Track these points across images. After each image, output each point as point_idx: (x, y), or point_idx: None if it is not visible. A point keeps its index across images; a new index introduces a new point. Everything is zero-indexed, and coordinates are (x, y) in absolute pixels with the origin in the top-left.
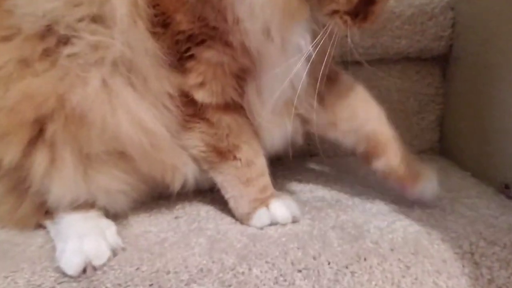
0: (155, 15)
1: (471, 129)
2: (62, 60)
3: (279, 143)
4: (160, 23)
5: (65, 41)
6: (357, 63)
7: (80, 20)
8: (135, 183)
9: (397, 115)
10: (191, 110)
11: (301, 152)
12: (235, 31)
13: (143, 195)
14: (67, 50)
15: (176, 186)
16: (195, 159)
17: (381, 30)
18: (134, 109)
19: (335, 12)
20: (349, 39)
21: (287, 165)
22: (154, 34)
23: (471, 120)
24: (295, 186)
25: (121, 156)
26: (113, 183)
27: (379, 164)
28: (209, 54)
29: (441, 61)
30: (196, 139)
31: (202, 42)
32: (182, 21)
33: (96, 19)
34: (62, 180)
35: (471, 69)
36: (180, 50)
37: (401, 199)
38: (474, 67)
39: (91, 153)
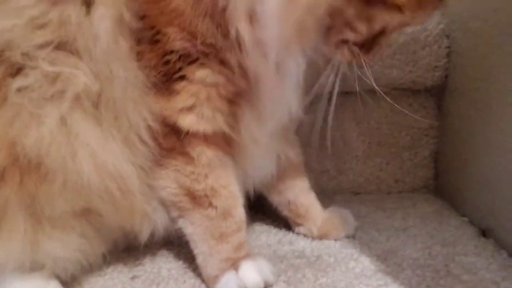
0: (142, 30)
1: (468, 168)
2: (12, 96)
3: (266, 174)
4: (147, 40)
5: (15, 71)
6: (346, 93)
7: (41, 46)
8: (94, 245)
9: (388, 150)
10: (170, 142)
11: None
12: (235, 48)
13: (103, 255)
14: (17, 82)
15: (144, 235)
16: (163, 204)
17: None
18: (98, 151)
19: (343, 42)
20: (356, 69)
21: (267, 207)
22: (137, 53)
23: (467, 159)
24: (273, 235)
25: (84, 213)
26: (64, 251)
27: (299, 230)
28: (203, 73)
29: (435, 93)
30: (169, 179)
31: (196, 60)
32: (176, 38)
33: (62, 45)
34: (6, 248)
35: (468, 104)
36: (170, 71)
37: (389, 255)
38: (472, 102)
39: (49, 215)
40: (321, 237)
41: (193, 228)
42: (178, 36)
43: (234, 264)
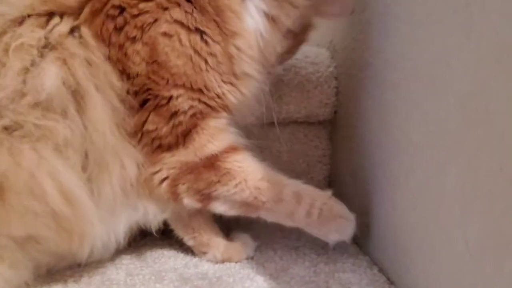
0: (134, 93)
1: (353, 192)
2: None
3: None
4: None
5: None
6: (253, 125)
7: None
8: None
9: (288, 175)
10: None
11: None
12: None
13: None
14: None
15: (85, 252)
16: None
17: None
18: (60, 176)
19: None
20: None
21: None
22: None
23: (353, 183)
24: (181, 259)
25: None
26: None
27: (204, 258)
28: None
29: (327, 126)
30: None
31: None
32: (180, 98)
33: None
34: None
35: (353, 136)
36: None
37: (281, 273)
38: (356, 134)
39: None
40: (225, 261)
41: None
42: (184, 95)
43: None
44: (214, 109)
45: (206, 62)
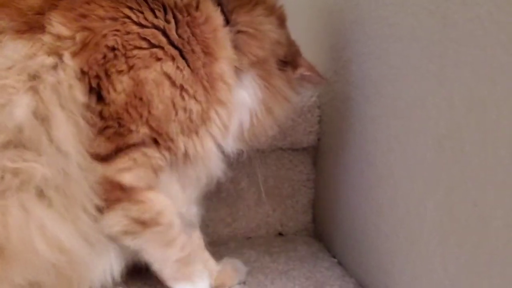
0: (99, 114)
1: (337, 215)
2: None
3: None
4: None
5: None
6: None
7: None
8: None
9: (274, 199)
10: (115, 195)
11: None
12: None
13: None
14: None
15: None
16: (114, 239)
17: None
18: (51, 230)
19: None
20: None
21: None
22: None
23: (336, 206)
24: None
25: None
26: None
27: None
28: (147, 150)
29: (311, 152)
30: (119, 217)
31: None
32: (143, 134)
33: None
34: None
35: (335, 162)
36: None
37: None
38: (338, 160)
39: None
40: (218, 287)
41: (146, 242)
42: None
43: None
44: (159, 146)
45: (176, 114)
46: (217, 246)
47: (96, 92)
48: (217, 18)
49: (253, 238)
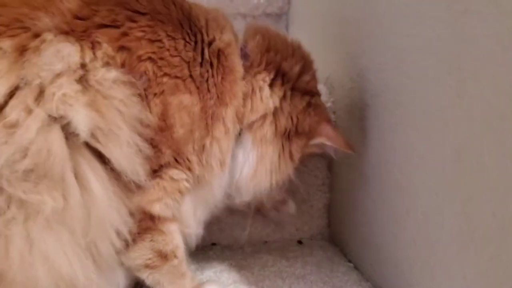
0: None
1: (353, 220)
2: None
3: None
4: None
5: None
6: None
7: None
8: None
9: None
10: (146, 224)
11: None
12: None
13: None
14: None
15: None
16: (133, 270)
17: None
18: (55, 261)
19: None
20: None
21: None
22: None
23: (350, 210)
24: None
25: None
26: None
27: None
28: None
29: (326, 157)
30: (145, 249)
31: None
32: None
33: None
34: None
35: (349, 168)
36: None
37: None
38: (351, 166)
39: None
40: None
41: (163, 276)
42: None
43: None
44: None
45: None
46: (233, 251)
47: None
48: (239, 71)
49: (269, 243)
